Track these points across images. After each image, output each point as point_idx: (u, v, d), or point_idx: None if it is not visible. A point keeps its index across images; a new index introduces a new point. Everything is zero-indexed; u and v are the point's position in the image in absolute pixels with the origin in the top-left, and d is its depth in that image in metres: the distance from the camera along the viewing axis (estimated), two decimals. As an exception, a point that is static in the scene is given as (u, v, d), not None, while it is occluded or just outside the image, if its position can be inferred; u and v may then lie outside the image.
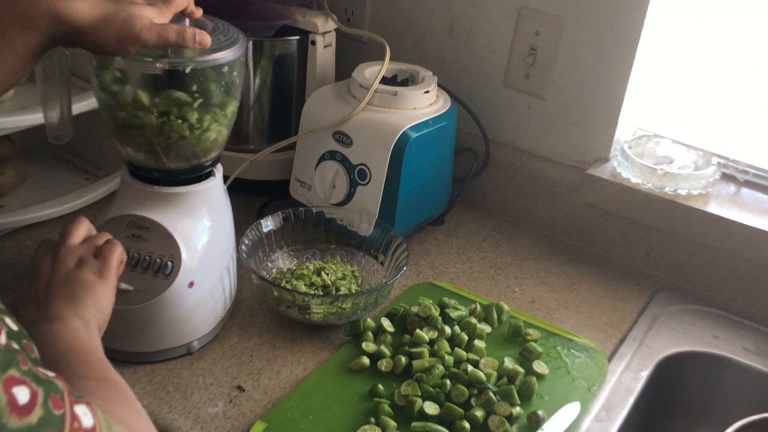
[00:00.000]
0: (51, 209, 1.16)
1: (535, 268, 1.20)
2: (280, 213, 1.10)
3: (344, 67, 1.28)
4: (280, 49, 1.23)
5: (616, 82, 1.18)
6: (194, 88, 0.85)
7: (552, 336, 1.02)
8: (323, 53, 1.24)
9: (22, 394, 0.45)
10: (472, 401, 0.89)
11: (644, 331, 1.07)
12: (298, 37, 1.23)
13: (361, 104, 1.11)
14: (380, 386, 0.90)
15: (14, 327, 0.52)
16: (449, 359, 0.94)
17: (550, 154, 1.29)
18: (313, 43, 1.23)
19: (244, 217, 1.20)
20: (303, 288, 1.01)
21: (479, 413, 0.87)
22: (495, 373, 0.93)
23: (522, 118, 1.29)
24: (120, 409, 0.61)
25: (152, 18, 0.75)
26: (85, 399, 0.51)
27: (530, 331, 1.02)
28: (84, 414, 0.49)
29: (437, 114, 1.14)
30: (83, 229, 0.81)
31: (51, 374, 0.48)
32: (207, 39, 0.80)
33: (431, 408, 0.88)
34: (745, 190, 1.18)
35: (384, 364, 0.94)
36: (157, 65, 0.81)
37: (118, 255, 0.78)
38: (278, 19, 1.20)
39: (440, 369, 0.92)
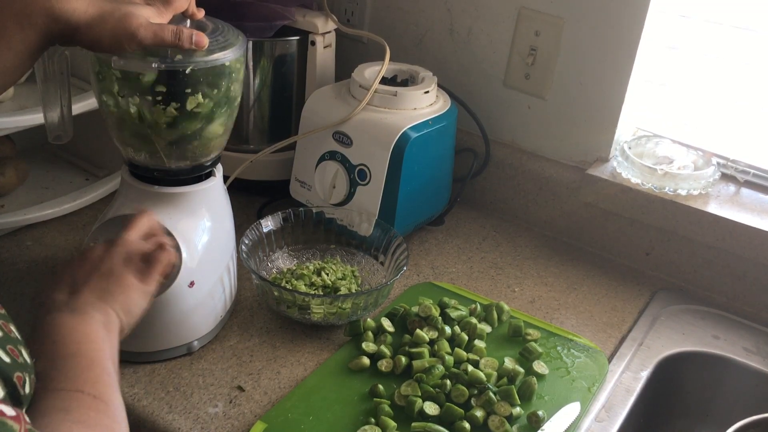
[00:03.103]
0: (51, 209, 1.16)
1: (535, 268, 1.20)
2: (280, 213, 1.10)
3: (344, 68, 1.29)
4: (280, 49, 1.23)
5: (616, 82, 1.18)
6: (194, 88, 0.85)
7: (552, 336, 1.02)
8: (323, 53, 1.24)
9: None
10: (472, 401, 0.89)
11: (644, 331, 1.07)
12: (298, 38, 1.23)
13: (361, 104, 1.11)
14: (380, 386, 0.90)
15: None
16: (449, 359, 0.94)
17: (550, 154, 1.29)
18: (313, 43, 1.23)
19: (244, 217, 1.20)
20: (303, 288, 1.01)
21: (479, 413, 0.87)
22: (495, 373, 0.93)
23: (522, 118, 1.29)
24: None
25: (150, 18, 0.76)
26: None
27: (530, 331, 1.02)
28: None
29: (437, 114, 1.14)
30: (146, 224, 0.81)
31: (9, 413, 0.46)
32: (204, 40, 0.80)
33: (431, 408, 0.88)
34: (745, 190, 1.18)
35: (384, 364, 0.94)
36: (153, 65, 0.80)
37: (165, 263, 0.78)
38: (278, 20, 1.20)
39: (440, 369, 0.92)
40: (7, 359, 0.51)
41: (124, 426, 0.64)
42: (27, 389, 0.55)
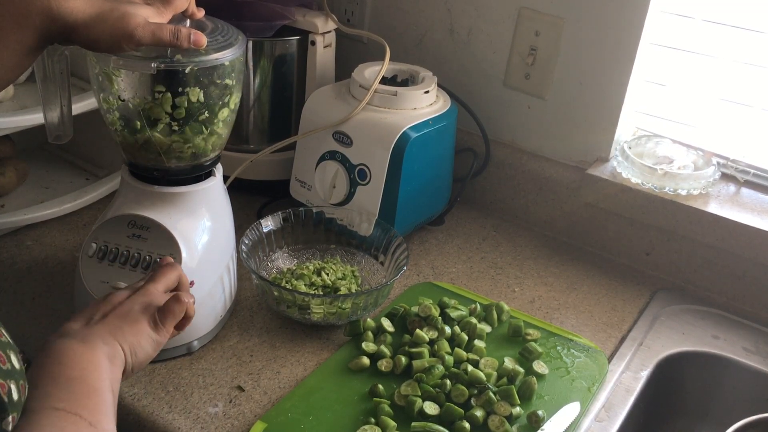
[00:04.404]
0: (51, 209, 1.16)
1: (535, 268, 1.20)
2: (280, 213, 1.10)
3: (344, 67, 1.29)
4: (280, 49, 1.23)
5: (616, 82, 1.18)
6: (193, 88, 0.85)
7: (552, 336, 1.02)
8: (323, 53, 1.24)
9: None
10: (472, 401, 0.89)
11: (644, 331, 1.07)
12: (298, 38, 1.23)
13: (361, 104, 1.11)
14: (380, 386, 0.90)
15: None
16: (449, 359, 0.94)
17: (550, 154, 1.29)
18: (313, 43, 1.23)
19: (244, 217, 1.20)
20: (303, 288, 1.01)
21: (479, 413, 0.87)
22: (495, 373, 0.93)
23: (522, 118, 1.29)
24: None
25: (149, 17, 0.76)
26: None
27: (530, 331, 1.02)
28: None
29: (437, 114, 1.14)
30: (173, 277, 0.82)
31: None
32: (202, 39, 0.80)
33: (431, 408, 0.88)
34: (745, 190, 1.18)
35: (384, 364, 0.94)
36: (152, 65, 0.80)
37: (179, 313, 0.77)
38: (278, 20, 1.20)
39: (440, 369, 0.92)
40: None
41: None
42: (15, 396, 0.54)
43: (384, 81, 1.16)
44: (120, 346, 0.71)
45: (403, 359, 0.94)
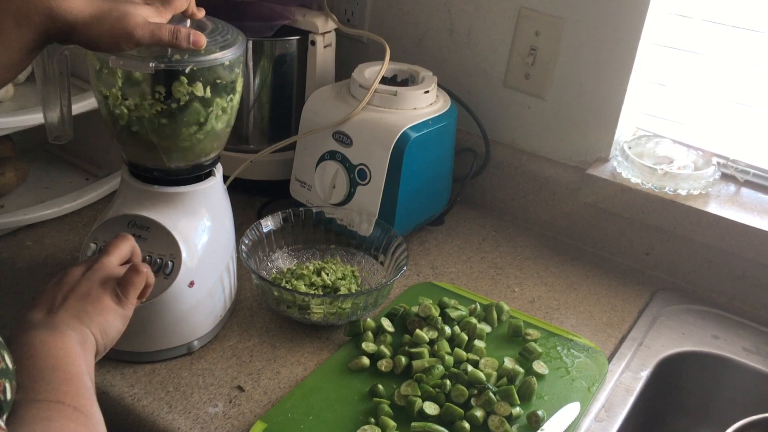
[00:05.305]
0: (51, 209, 1.16)
1: (535, 268, 1.20)
2: (280, 213, 1.10)
3: (344, 67, 1.29)
4: (280, 49, 1.23)
5: (616, 82, 1.18)
6: (193, 88, 0.85)
7: (552, 336, 1.02)
8: (323, 53, 1.24)
9: None
10: (472, 401, 0.89)
11: (644, 331, 1.07)
12: (298, 37, 1.23)
13: (361, 104, 1.11)
14: (380, 386, 0.90)
15: None
16: (449, 359, 0.94)
17: (550, 154, 1.29)
18: (313, 43, 1.23)
19: (244, 217, 1.20)
20: (303, 288, 1.01)
21: (479, 413, 0.87)
22: (495, 373, 0.93)
23: (522, 118, 1.29)
24: None
25: (148, 17, 0.76)
26: None
27: (530, 331, 1.02)
28: None
29: (437, 114, 1.14)
30: (126, 248, 0.81)
31: None
32: (201, 40, 0.80)
33: (431, 408, 0.88)
34: (745, 190, 1.18)
35: (384, 364, 0.94)
36: (150, 65, 0.80)
37: (139, 284, 0.77)
38: (278, 19, 1.20)
39: (440, 369, 0.92)
40: None
41: None
42: (8, 395, 0.54)
43: (384, 81, 1.16)
44: (89, 330, 0.71)
45: (403, 359, 0.94)
